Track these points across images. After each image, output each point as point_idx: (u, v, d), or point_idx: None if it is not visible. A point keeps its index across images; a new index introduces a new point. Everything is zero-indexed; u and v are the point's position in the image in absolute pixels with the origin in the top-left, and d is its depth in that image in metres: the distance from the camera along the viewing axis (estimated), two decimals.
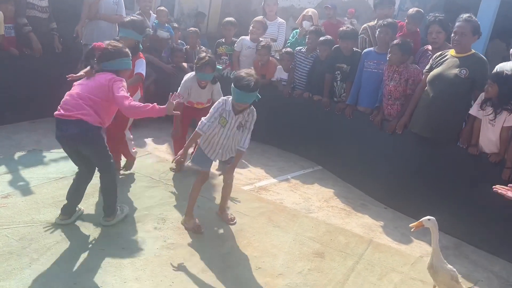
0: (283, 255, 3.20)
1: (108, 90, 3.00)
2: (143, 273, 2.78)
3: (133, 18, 3.92)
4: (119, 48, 3.17)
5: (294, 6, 10.14)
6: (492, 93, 3.51)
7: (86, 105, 2.95)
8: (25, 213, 3.26)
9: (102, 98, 3.01)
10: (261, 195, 4.18)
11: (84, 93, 2.99)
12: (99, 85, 3.02)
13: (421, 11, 4.88)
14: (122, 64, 3.17)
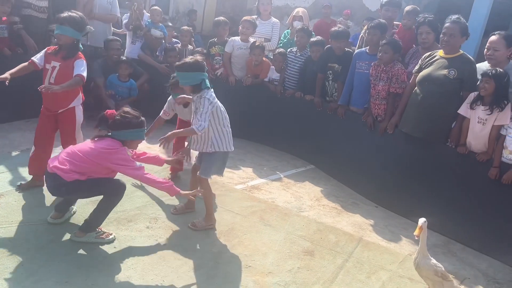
0: (273, 254, 3.24)
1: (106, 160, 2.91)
2: (134, 272, 2.82)
3: (71, 14, 3.45)
4: (131, 118, 3.00)
5: (289, 5, 10.16)
6: (490, 90, 3.54)
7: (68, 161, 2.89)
8: (17, 212, 3.28)
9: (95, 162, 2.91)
10: (253, 194, 4.23)
11: (74, 150, 2.95)
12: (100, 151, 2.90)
13: (417, 8, 4.94)
14: (133, 135, 3.03)
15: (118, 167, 2.92)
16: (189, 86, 3.25)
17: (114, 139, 2.97)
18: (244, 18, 5.81)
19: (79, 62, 3.48)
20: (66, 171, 2.85)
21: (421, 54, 4.24)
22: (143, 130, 3.10)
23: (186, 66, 3.21)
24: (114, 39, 5.82)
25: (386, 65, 4.22)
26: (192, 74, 3.20)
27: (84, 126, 3.78)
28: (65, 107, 3.58)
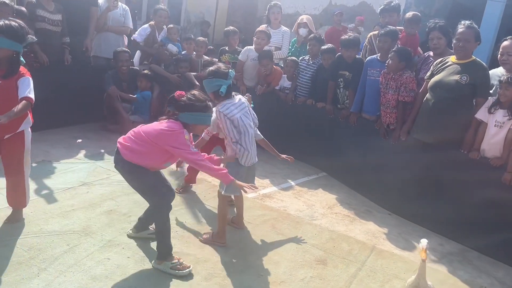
0: (285, 263, 3.24)
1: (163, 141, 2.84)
2: (147, 281, 2.84)
3: (8, 22, 2.96)
4: (194, 101, 2.91)
5: (299, 12, 10.18)
6: (510, 96, 3.52)
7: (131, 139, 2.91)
8: (33, 223, 3.34)
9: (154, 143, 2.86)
10: (265, 202, 4.23)
11: (140, 130, 2.93)
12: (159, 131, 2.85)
13: (418, 15, 4.92)
14: (196, 119, 2.93)
15: (174, 149, 2.83)
16: (211, 93, 3.29)
17: (177, 122, 2.89)
18: (258, 29, 5.85)
19: (24, 81, 3.02)
20: (126, 148, 2.88)
21: (433, 60, 4.22)
22: (208, 115, 3.00)
23: (207, 73, 3.28)
24: (123, 51, 5.92)
25: (395, 73, 4.21)
26: (211, 80, 3.25)
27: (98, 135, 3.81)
28: (12, 132, 3.14)
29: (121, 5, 6.35)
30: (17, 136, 3.16)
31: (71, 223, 3.41)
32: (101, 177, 4.31)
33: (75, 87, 5.72)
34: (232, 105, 3.29)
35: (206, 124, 3.06)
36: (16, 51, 2.99)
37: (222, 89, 3.23)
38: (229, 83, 3.28)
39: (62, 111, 5.66)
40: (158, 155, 2.88)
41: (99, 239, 3.25)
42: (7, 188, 3.26)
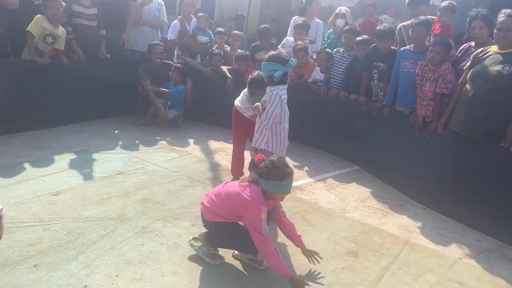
0: None
1: (240, 206, 2.71)
2: (180, 267, 2.90)
3: None
4: (271, 169, 2.67)
5: (333, 5, 10.06)
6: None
7: (212, 201, 2.85)
8: (72, 209, 3.48)
9: (233, 206, 2.75)
10: (296, 194, 4.22)
11: (221, 190, 2.83)
12: (238, 195, 2.72)
13: (453, 4, 4.77)
14: (275, 188, 2.70)
15: (246, 221, 2.70)
16: (266, 77, 3.36)
17: (258, 187, 2.72)
18: (296, 23, 5.83)
19: None
20: (207, 210, 2.85)
21: (473, 50, 4.07)
22: (286, 184, 2.70)
23: (267, 57, 3.33)
24: (157, 43, 6.02)
25: (435, 65, 4.09)
26: (268, 64, 3.30)
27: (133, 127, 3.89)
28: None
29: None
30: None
31: (108, 210, 3.52)
32: (136, 167, 4.43)
33: (111, 80, 5.90)
34: (286, 91, 3.36)
35: (283, 193, 2.76)
36: None
37: (277, 74, 3.28)
38: (286, 70, 3.33)
39: (99, 104, 5.85)
40: (236, 218, 2.81)
41: (133, 225, 3.34)
42: None
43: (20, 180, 3.87)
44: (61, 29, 5.20)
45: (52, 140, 4.98)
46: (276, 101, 3.29)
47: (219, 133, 5.91)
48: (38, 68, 5.08)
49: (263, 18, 11.27)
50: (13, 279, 2.61)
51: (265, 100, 3.41)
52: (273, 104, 3.30)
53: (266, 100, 3.38)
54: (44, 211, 3.39)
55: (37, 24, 4.94)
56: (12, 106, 4.96)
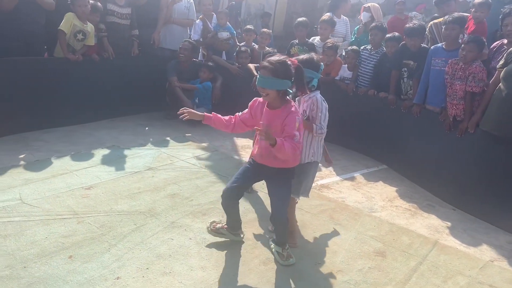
0: (343, 252, 3.22)
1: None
2: (208, 262, 2.95)
3: None
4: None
5: (362, 2, 9.95)
6: None
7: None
8: (104, 203, 3.58)
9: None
10: (322, 193, 4.22)
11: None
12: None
13: (488, 0, 4.63)
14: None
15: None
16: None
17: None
18: (322, 18, 5.82)
19: None
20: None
21: (506, 48, 3.96)
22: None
23: (301, 62, 3.00)
24: (186, 40, 6.11)
25: (466, 63, 4.00)
26: (305, 71, 2.98)
27: (162, 123, 3.97)
28: None
29: None
30: None
31: (138, 205, 3.61)
32: (165, 163, 4.52)
33: (142, 78, 6.03)
34: None
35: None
36: None
37: (315, 83, 3.08)
38: (319, 77, 3.13)
39: (130, 100, 5.99)
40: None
41: (163, 220, 3.42)
42: None
43: (55, 174, 4.02)
44: (90, 25, 5.34)
45: (85, 135, 5.13)
46: (322, 105, 3.11)
47: None
48: (71, 65, 5.23)
49: (290, 15, 11.24)
50: (50, 269, 2.71)
51: (304, 110, 3.16)
52: (321, 109, 3.11)
53: (307, 109, 3.15)
54: (77, 204, 3.51)
55: (68, 22, 5.10)
56: (47, 103, 5.14)
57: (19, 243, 2.94)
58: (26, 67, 4.95)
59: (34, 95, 5.00)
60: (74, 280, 2.64)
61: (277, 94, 2.77)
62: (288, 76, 2.75)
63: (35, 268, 2.71)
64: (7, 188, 3.66)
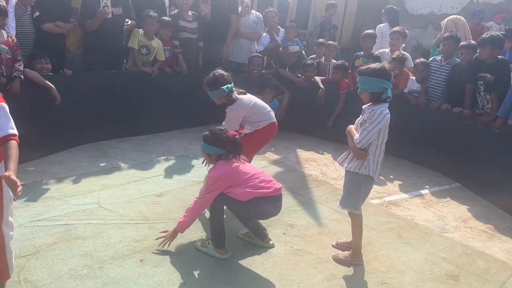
0: (412, 273, 3.08)
1: None
2: (271, 274, 2.97)
3: None
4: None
5: (435, 12, 9.58)
6: None
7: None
8: (174, 210, 3.73)
9: None
10: (390, 210, 4.08)
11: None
12: None
13: None
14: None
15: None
16: (368, 94, 2.98)
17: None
18: (393, 29, 5.72)
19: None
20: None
21: None
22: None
23: (370, 71, 2.94)
24: (256, 56, 6.21)
25: None
26: (376, 80, 2.91)
27: None
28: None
29: (255, 12, 6.70)
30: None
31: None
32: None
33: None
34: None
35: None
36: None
37: (390, 94, 2.93)
38: (391, 87, 3.00)
39: (199, 112, 6.19)
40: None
41: (230, 229, 3.47)
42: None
43: (129, 180, 4.26)
44: (156, 41, 5.62)
45: (157, 145, 5.40)
46: (378, 120, 2.92)
47: (310, 142, 5.92)
48: (146, 79, 5.54)
49: (358, 27, 11.09)
50: (123, 271, 2.87)
51: (364, 119, 3.03)
52: (374, 122, 2.93)
53: (365, 120, 3.01)
54: (149, 211, 3.69)
55: (135, 38, 5.44)
56: (124, 113, 5.48)
57: (96, 245, 3.14)
58: (107, 79, 5.32)
59: (112, 106, 5.35)
60: (145, 283, 2.77)
61: (207, 157, 3.21)
62: (218, 144, 3.11)
63: (110, 269, 2.88)
64: (86, 192, 3.94)
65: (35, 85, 4.45)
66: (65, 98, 4.61)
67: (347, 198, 3.12)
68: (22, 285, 2.65)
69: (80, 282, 2.72)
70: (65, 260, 2.93)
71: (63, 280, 2.73)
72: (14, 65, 4.25)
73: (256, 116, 3.78)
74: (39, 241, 3.12)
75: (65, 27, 5.02)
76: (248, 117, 3.76)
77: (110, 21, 5.17)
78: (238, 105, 3.71)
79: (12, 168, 1.93)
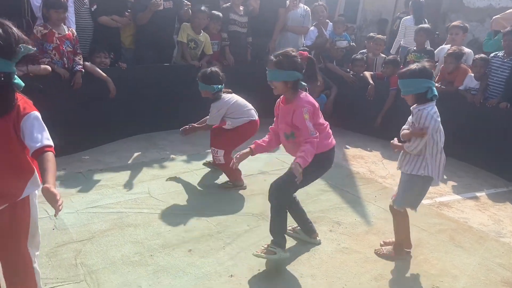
0: (465, 278, 2.96)
1: None
2: (318, 271, 2.94)
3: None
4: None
5: (493, 5, 9.09)
6: None
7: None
8: (221, 202, 3.79)
9: None
10: (441, 211, 3.93)
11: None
12: None
13: None
14: None
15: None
16: (412, 95, 2.89)
17: None
18: (453, 23, 5.51)
19: (32, 122, 1.87)
20: None
21: None
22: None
23: (411, 72, 2.86)
24: (302, 49, 6.17)
25: None
26: (418, 80, 2.83)
27: None
28: (12, 199, 2.00)
29: (303, 6, 6.64)
30: (18, 206, 2.02)
31: (251, 206, 3.75)
32: (276, 168, 4.61)
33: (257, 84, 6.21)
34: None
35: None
36: (4, 72, 1.80)
37: (435, 92, 2.82)
38: (434, 85, 2.91)
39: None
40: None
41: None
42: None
43: (178, 172, 4.36)
44: (204, 35, 5.68)
45: (204, 137, 5.43)
46: (427, 124, 2.81)
47: (357, 139, 5.81)
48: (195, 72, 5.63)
49: None
50: (172, 260, 2.95)
51: (413, 122, 2.93)
52: (423, 126, 2.83)
53: (413, 121, 2.92)
54: (197, 202, 3.77)
55: (184, 32, 5.53)
56: (172, 106, 5.60)
57: (147, 233, 3.24)
58: (157, 73, 5.45)
59: (162, 99, 5.48)
60: (193, 273, 2.83)
61: (284, 86, 2.81)
62: (294, 67, 2.76)
63: (160, 257, 2.96)
64: (138, 182, 4.07)
65: (92, 77, 4.64)
66: (118, 91, 4.78)
67: (404, 197, 3.03)
68: (79, 268, 2.78)
69: (132, 269, 2.82)
70: (118, 246, 3.05)
71: (116, 265, 2.84)
72: (75, 59, 4.45)
73: (236, 113, 4.09)
74: (94, 227, 3.26)
75: (120, 21, 5.20)
76: (229, 114, 4.08)
77: (161, 14, 5.29)
78: (220, 103, 4.05)
79: (51, 181, 1.76)
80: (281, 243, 2.94)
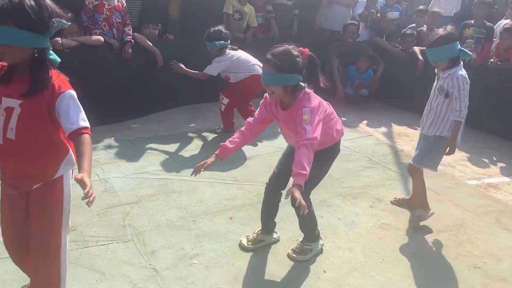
0: (509, 260, 2.89)
1: None
2: (355, 245, 2.96)
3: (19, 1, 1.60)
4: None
5: None
6: None
7: None
8: (261, 174, 3.84)
9: None
10: (488, 192, 3.81)
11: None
12: None
13: None
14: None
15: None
16: (445, 62, 2.92)
17: None
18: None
19: (67, 101, 1.75)
20: None
21: None
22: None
23: (442, 39, 2.86)
24: (351, 23, 6.01)
25: None
26: (448, 46, 2.86)
27: None
28: (45, 179, 1.91)
29: None
30: (51, 186, 1.92)
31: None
32: None
33: None
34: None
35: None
36: (37, 48, 1.70)
37: (467, 52, 2.92)
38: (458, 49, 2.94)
39: None
40: None
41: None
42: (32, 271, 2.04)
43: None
44: (249, 6, 5.65)
45: None
46: (464, 84, 2.88)
47: (404, 116, 5.66)
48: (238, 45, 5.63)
49: None
50: (213, 226, 3.06)
51: (442, 85, 2.96)
52: (464, 90, 2.88)
53: (445, 85, 2.94)
54: (238, 172, 3.86)
55: (230, 4, 5.53)
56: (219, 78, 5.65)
57: (190, 200, 3.37)
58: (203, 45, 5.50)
59: None
60: (233, 239, 2.93)
61: (284, 91, 2.38)
62: (296, 69, 2.36)
63: (202, 223, 3.09)
64: (183, 151, 4.22)
65: (141, 48, 4.77)
66: (166, 62, 4.89)
67: (427, 157, 3.12)
68: (127, 229, 2.96)
69: (176, 232, 2.96)
70: (163, 211, 3.20)
71: (161, 228, 2.99)
72: (124, 29, 4.59)
73: (237, 68, 4.38)
74: (141, 192, 3.43)
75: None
76: (231, 69, 4.39)
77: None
78: (222, 57, 4.36)
79: (86, 168, 1.65)
80: (314, 237, 2.85)
